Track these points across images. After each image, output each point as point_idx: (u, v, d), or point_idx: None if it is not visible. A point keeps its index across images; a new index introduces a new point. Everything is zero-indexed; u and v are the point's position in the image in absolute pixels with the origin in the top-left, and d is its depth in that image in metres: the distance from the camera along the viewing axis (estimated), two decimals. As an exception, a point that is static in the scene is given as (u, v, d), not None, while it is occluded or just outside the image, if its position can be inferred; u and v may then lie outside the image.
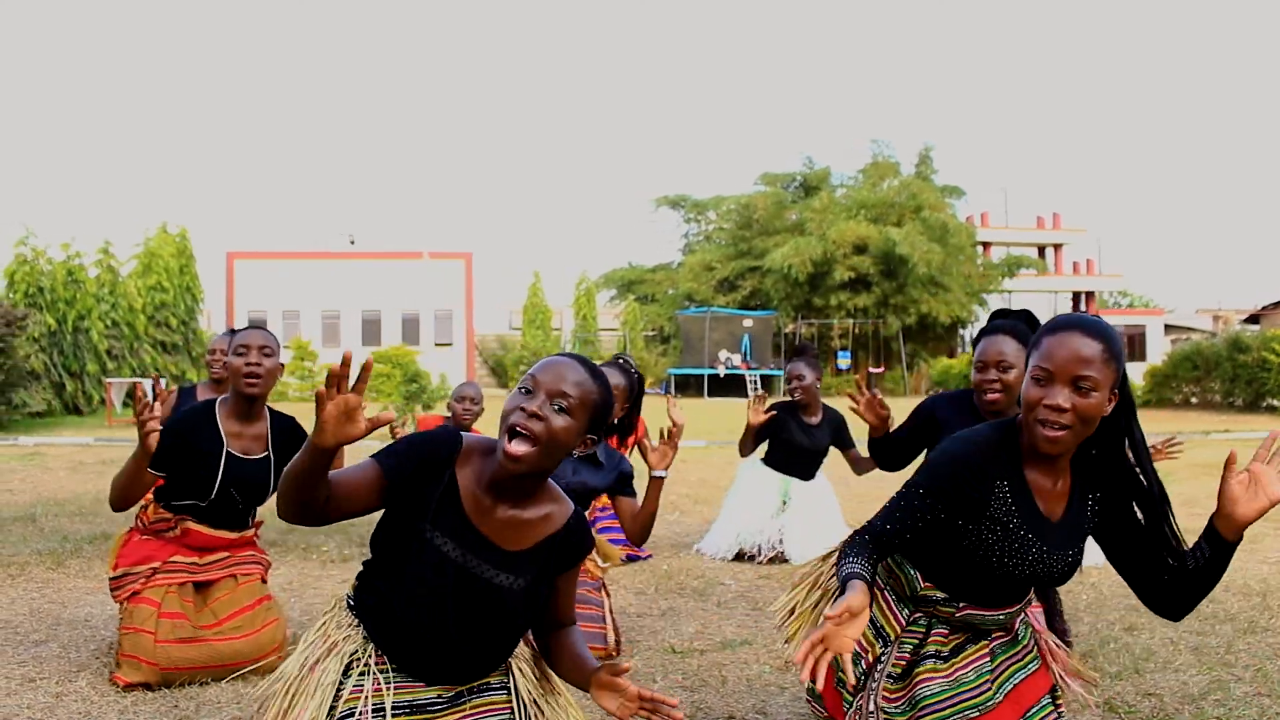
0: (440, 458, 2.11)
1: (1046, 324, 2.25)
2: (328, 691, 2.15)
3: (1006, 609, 2.39)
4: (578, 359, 2.16)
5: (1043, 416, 2.13)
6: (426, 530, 2.09)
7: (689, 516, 7.88)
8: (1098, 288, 45.74)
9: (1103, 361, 2.13)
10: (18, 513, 7.72)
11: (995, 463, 2.26)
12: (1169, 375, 25.74)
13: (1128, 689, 3.61)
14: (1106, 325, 2.21)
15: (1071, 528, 2.29)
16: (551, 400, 2.06)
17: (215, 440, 3.77)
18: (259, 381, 3.78)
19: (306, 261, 36.93)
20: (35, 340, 20.55)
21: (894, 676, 2.38)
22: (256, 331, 3.87)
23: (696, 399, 32.49)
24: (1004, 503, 2.25)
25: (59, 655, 4.06)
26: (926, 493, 2.26)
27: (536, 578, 2.19)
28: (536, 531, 2.19)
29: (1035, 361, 2.17)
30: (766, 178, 41.27)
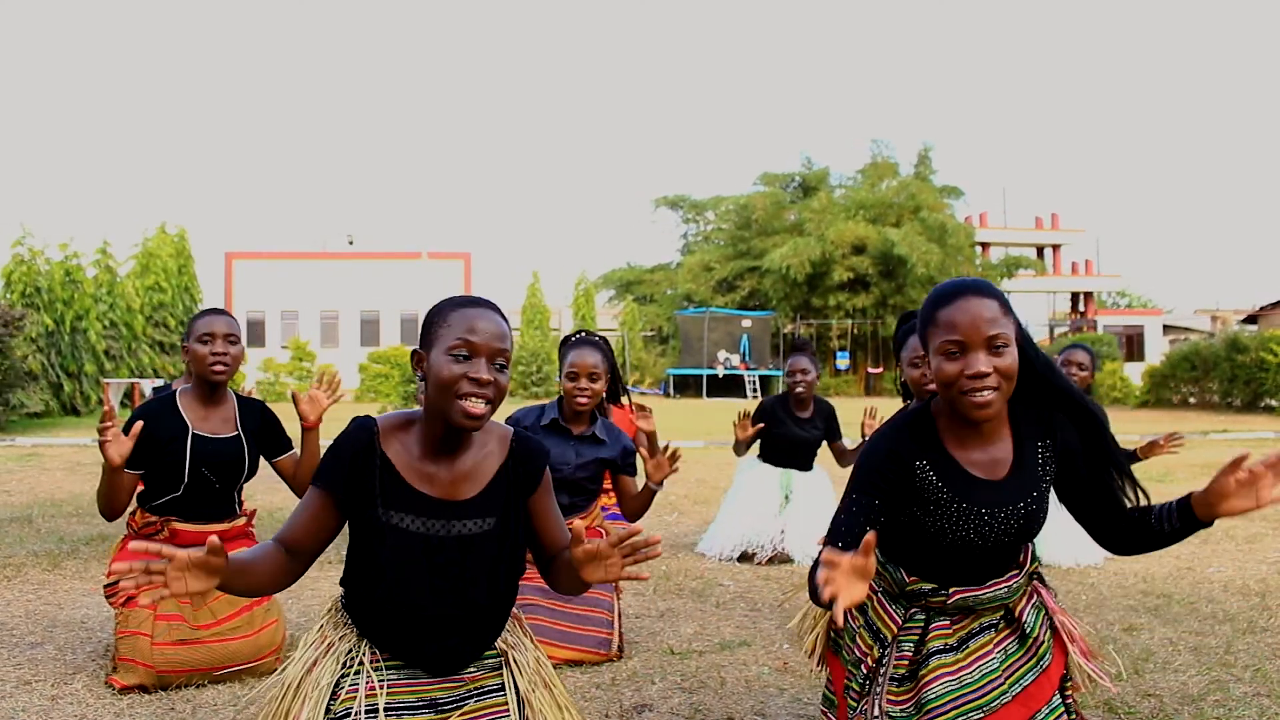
0: (363, 445, 2.14)
1: (932, 298, 2.22)
2: (324, 693, 2.15)
3: (997, 583, 2.34)
4: (493, 307, 2.16)
5: (967, 387, 2.11)
6: (381, 514, 2.12)
7: (688, 517, 7.87)
8: (1096, 288, 45.73)
9: (1004, 315, 2.14)
10: (14, 513, 7.71)
11: (908, 446, 2.27)
12: (1167, 375, 25.75)
13: (1127, 689, 3.60)
14: (987, 281, 2.22)
15: (1021, 481, 2.27)
16: (493, 360, 2.08)
17: (179, 425, 3.78)
18: (225, 369, 3.80)
19: (305, 262, 36.92)
20: (33, 341, 20.53)
21: (898, 678, 2.34)
22: (220, 318, 3.86)
23: (695, 399, 32.49)
24: (929, 483, 2.25)
25: (55, 657, 4.04)
26: (859, 495, 2.26)
27: (504, 513, 2.19)
28: (485, 469, 2.20)
29: (941, 337, 2.15)
30: (765, 178, 41.29)
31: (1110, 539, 2.32)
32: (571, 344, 4.25)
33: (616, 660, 4.02)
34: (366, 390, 31.28)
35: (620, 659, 4.04)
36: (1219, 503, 2.11)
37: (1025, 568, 2.41)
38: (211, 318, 3.85)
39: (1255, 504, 2.10)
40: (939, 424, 2.30)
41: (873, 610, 2.43)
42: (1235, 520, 7.37)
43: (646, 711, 3.45)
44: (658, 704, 3.52)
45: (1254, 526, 7.09)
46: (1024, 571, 2.40)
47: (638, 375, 35.70)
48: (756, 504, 6.18)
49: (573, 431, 4.20)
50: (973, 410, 2.14)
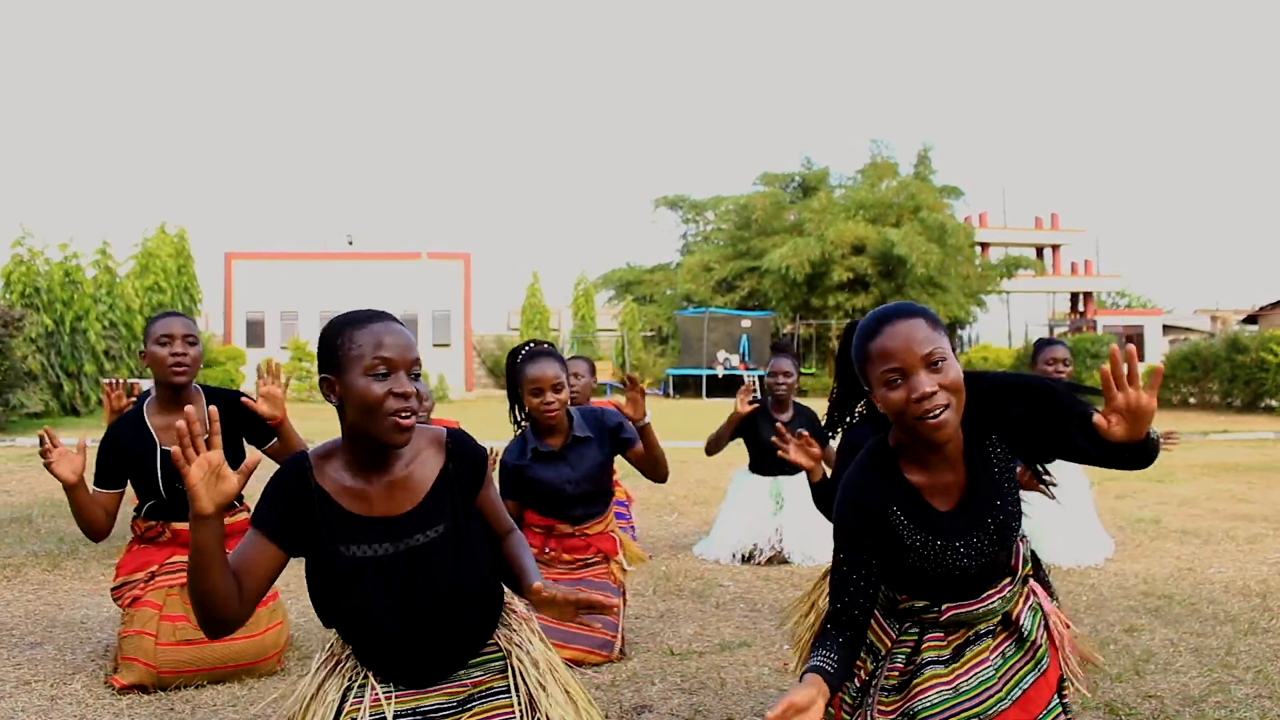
0: (295, 483, 2.14)
1: (860, 334, 2.19)
2: (330, 709, 2.16)
3: (989, 595, 2.32)
4: (391, 318, 2.15)
5: (917, 411, 2.08)
6: (330, 547, 2.12)
7: (687, 517, 7.86)
8: (1096, 288, 45.71)
9: (934, 330, 2.11)
10: (14, 514, 7.70)
11: (878, 493, 2.24)
12: (1167, 376, 25.72)
13: (1128, 691, 3.59)
14: (908, 302, 2.20)
15: (984, 495, 2.23)
16: (410, 372, 2.09)
17: (146, 440, 3.76)
18: (186, 370, 3.75)
19: (305, 262, 36.89)
20: (32, 341, 20.51)
21: (889, 689, 2.32)
22: (178, 319, 3.82)
23: (695, 399, 32.48)
24: (901, 526, 2.23)
25: (54, 658, 4.04)
26: (845, 557, 2.23)
27: (454, 517, 2.19)
28: (423, 476, 2.19)
29: (880, 368, 2.11)
30: (765, 178, 41.23)
31: (1106, 461, 2.22)
32: (527, 358, 4.06)
33: (617, 661, 4.02)
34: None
35: (621, 660, 4.04)
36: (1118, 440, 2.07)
37: (1019, 573, 2.38)
38: (169, 319, 3.80)
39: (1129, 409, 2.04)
40: (899, 456, 2.26)
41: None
42: (1236, 521, 7.37)
43: (646, 712, 3.45)
44: (657, 705, 3.52)
45: (1255, 528, 7.08)
46: (1017, 578, 2.38)
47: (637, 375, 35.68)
48: (749, 513, 6.18)
49: (557, 448, 4.11)
50: (932, 433, 2.10)
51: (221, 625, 2.05)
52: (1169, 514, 7.77)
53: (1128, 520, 7.41)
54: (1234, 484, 9.59)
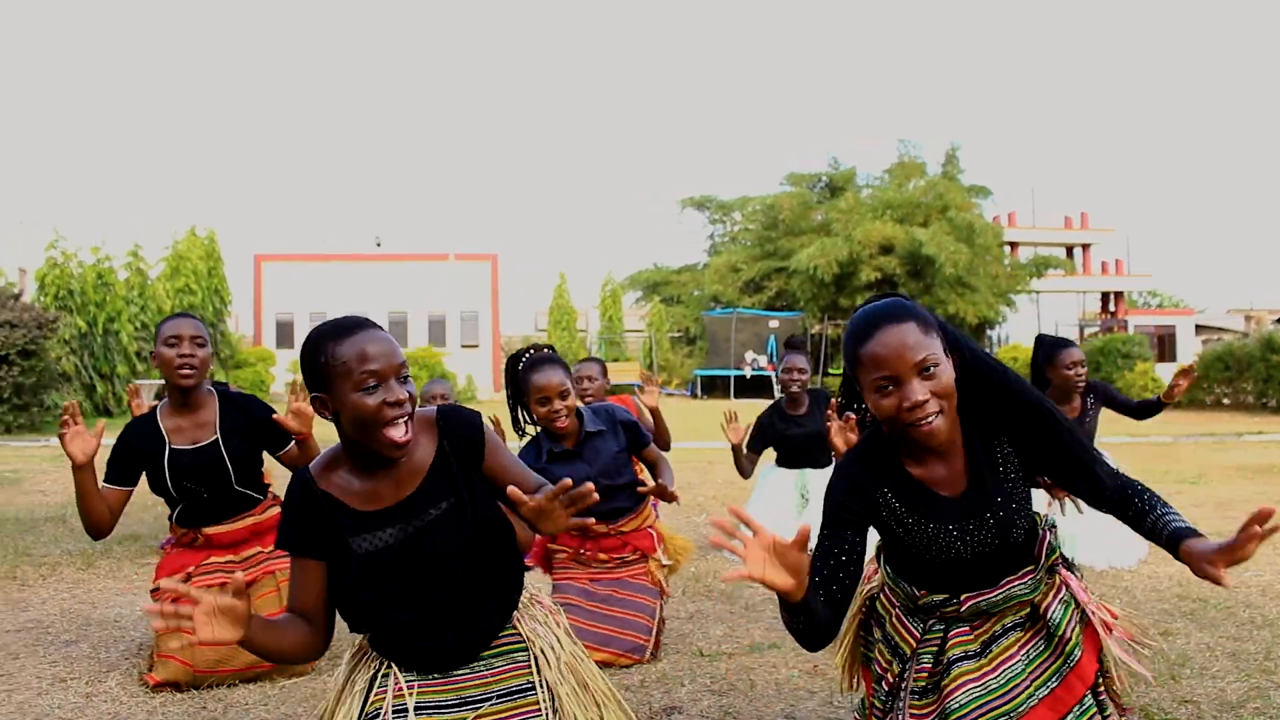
0: (301, 495, 2.16)
1: (850, 336, 2.16)
2: (357, 699, 2.18)
3: (1009, 583, 2.28)
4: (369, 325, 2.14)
5: (909, 419, 2.07)
6: (344, 547, 2.14)
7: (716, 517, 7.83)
8: (1127, 288, 45.31)
9: (925, 334, 2.08)
10: (49, 513, 7.78)
11: (870, 475, 2.23)
12: (1200, 376, 25.45)
13: (1164, 696, 3.55)
14: (900, 299, 2.16)
15: (981, 491, 2.20)
16: (399, 377, 2.08)
17: (157, 441, 3.78)
18: (194, 372, 3.74)
19: (333, 263, 37.12)
20: (66, 343, 20.75)
21: (919, 692, 2.29)
22: (187, 320, 3.82)
23: (723, 400, 32.43)
24: (893, 509, 2.22)
25: (89, 655, 4.08)
26: (828, 530, 2.24)
27: (456, 492, 2.18)
28: (422, 459, 2.19)
29: (872, 375, 2.08)
30: (792, 178, 41.10)
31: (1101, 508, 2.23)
32: (530, 366, 3.99)
33: (647, 663, 4.01)
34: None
35: (651, 662, 4.03)
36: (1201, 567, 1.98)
37: (1042, 562, 2.32)
38: (178, 321, 3.80)
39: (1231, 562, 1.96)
40: (897, 446, 2.25)
41: (891, 626, 2.39)
42: (1271, 523, 7.26)
43: (676, 714, 3.44)
44: (687, 706, 3.51)
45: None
46: (1041, 566, 2.32)
47: (665, 376, 35.68)
48: (774, 508, 6.17)
49: (571, 447, 4.08)
50: (923, 439, 2.10)
51: (316, 653, 2.18)
52: (1203, 516, 7.68)
53: (1161, 522, 7.32)
54: (1269, 485, 9.47)
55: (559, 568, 4.22)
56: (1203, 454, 12.79)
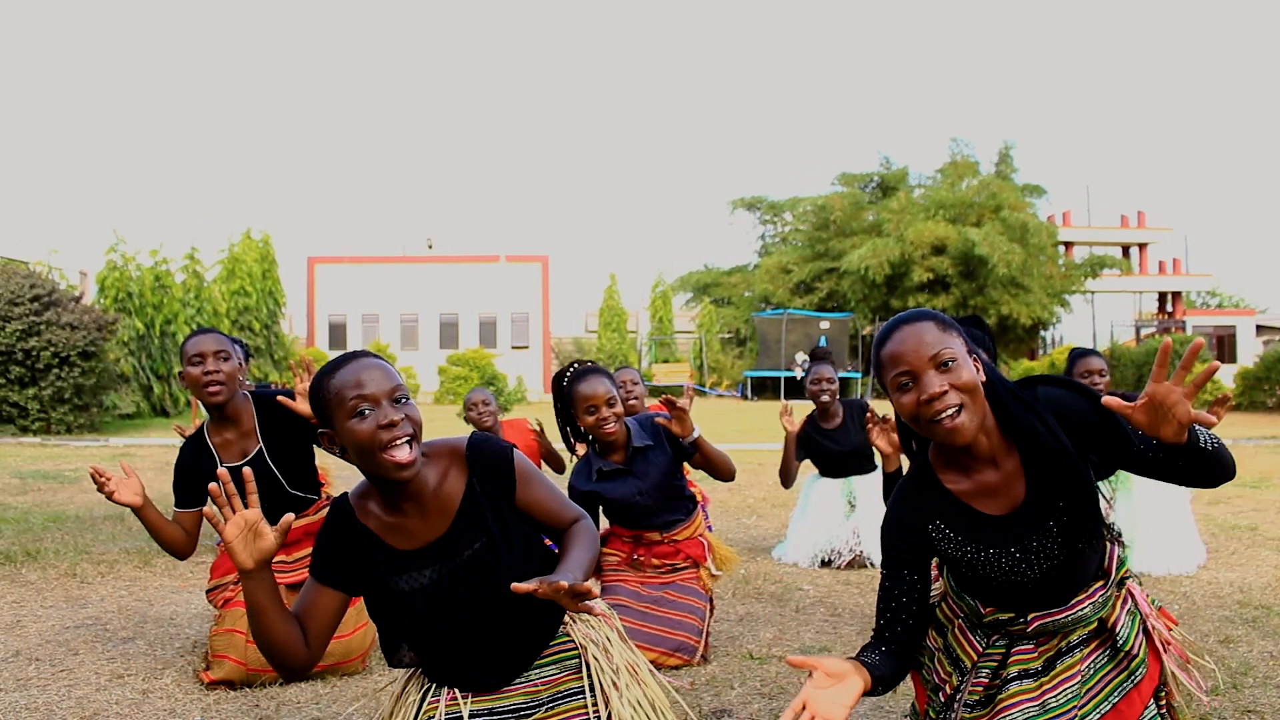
0: (343, 526, 2.17)
1: (874, 342, 2.17)
2: (411, 709, 2.20)
3: (1078, 603, 2.22)
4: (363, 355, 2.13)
5: (929, 413, 2.04)
6: (384, 585, 2.15)
7: (766, 520, 7.82)
8: (1185, 288, 44.55)
9: (942, 333, 2.07)
10: (108, 511, 7.91)
11: (920, 510, 2.21)
12: (1261, 377, 25.00)
13: (1225, 705, 3.47)
14: (923, 308, 2.18)
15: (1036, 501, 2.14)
16: (394, 399, 2.06)
17: (208, 460, 3.77)
18: (221, 388, 3.69)
19: (385, 265, 37.46)
20: (125, 344, 21.13)
21: (972, 705, 2.25)
22: (208, 336, 3.74)
23: (773, 401, 32.32)
24: (947, 539, 2.19)
25: (145, 652, 4.14)
26: (888, 572, 2.24)
27: (488, 530, 2.17)
28: (452, 494, 2.17)
29: (891, 373, 2.09)
30: (844, 178, 40.90)
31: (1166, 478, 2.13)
32: (574, 379, 3.99)
33: (697, 665, 4.00)
34: (445, 392, 31.62)
35: (701, 664, 4.02)
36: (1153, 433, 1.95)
37: (1113, 577, 2.27)
38: (199, 338, 3.73)
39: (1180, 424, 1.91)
40: (937, 467, 2.22)
41: (952, 636, 2.35)
42: (1336, 528, 7.11)
43: (726, 717, 3.42)
44: (737, 709, 3.49)
45: (1356, 535, 6.82)
46: (1111, 582, 2.27)
47: (715, 377, 35.61)
48: (822, 516, 6.13)
49: (621, 463, 4.06)
50: (947, 436, 2.05)
51: (293, 671, 2.11)
52: (1266, 521, 7.52)
53: (1221, 527, 7.19)
54: (1334, 490, 9.26)
55: (609, 570, 4.22)
56: (1264, 457, 12.54)
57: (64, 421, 16.52)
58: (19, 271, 17.40)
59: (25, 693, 3.63)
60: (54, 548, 6.36)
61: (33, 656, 4.07)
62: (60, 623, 4.60)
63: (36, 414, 16.30)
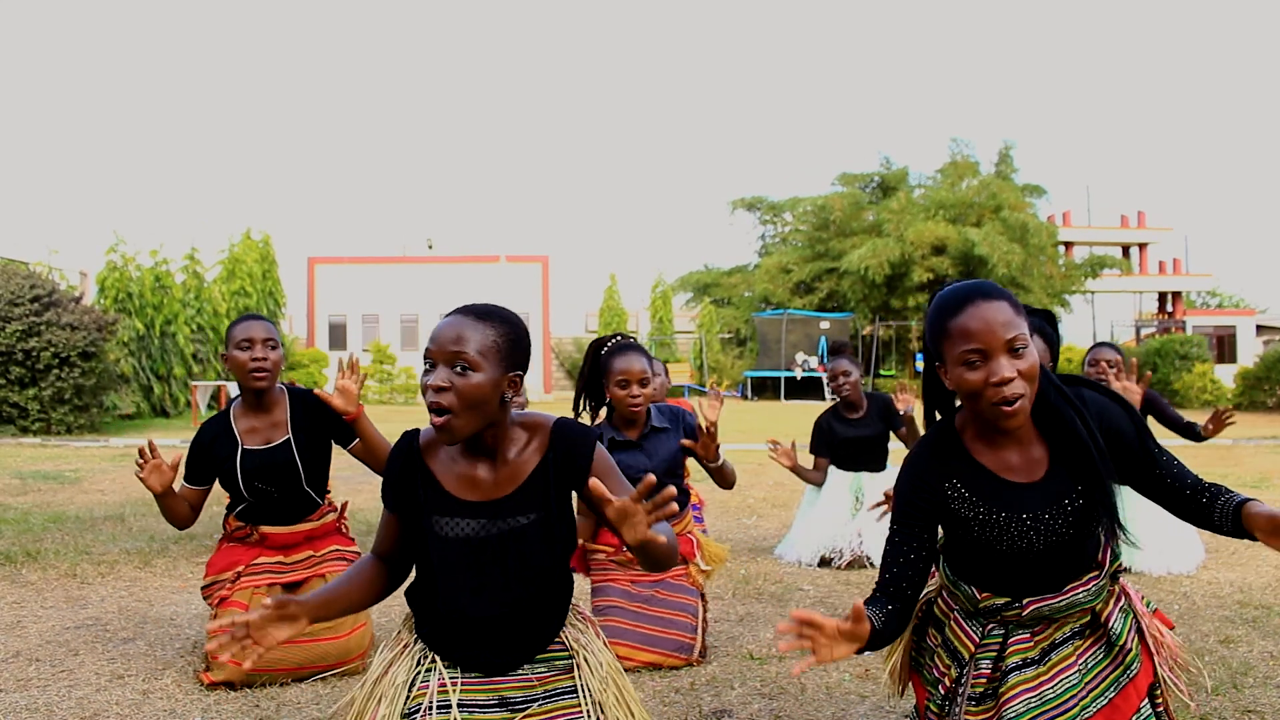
0: (405, 460, 2.21)
1: (940, 307, 2.15)
2: (400, 691, 2.19)
3: (1072, 589, 2.26)
4: (464, 310, 2.16)
5: (994, 397, 2.06)
6: (428, 523, 2.17)
7: (766, 520, 7.82)
8: (1185, 288, 44.56)
9: (1017, 315, 2.08)
10: (108, 512, 7.91)
11: (938, 468, 2.23)
12: (1261, 377, 25.00)
13: (1225, 705, 3.47)
14: (991, 282, 2.16)
15: (1061, 477, 2.18)
16: (451, 365, 2.07)
17: (230, 442, 3.82)
18: (266, 375, 3.78)
19: (385, 266, 37.48)
20: (125, 344, 21.11)
21: (976, 697, 2.27)
22: (259, 323, 3.84)
23: (773, 401, 32.32)
24: (962, 499, 2.21)
25: (145, 653, 4.14)
26: (898, 527, 2.25)
27: (547, 507, 2.19)
28: (525, 465, 2.19)
29: (960, 347, 2.07)
30: (843, 178, 40.89)
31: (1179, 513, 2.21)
32: (614, 351, 4.06)
33: (697, 665, 4.00)
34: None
35: (700, 664, 4.01)
36: (1267, 538, 2.00)
37: (1106, 568, 2.31)
38: (249, 323, 3.83)
39: None
40: (965, 436, 2.25)
41: (950, 629, 2.37)
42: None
43: (726, 717, 3.42)
44: (737, 709, 3.49)
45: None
46: (1105, 572, 2.30)
47: (715, 377, 35.60)
48: (829, 511, 6.14)
49: (634, 439, 4.11)
50: (1003, 419, 2.08)
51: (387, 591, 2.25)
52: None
53: (1221, 527, 7.18)
54: (1334, 490, 9.26)
55: (597, 569, 4.21)
56: (1264, 457, 12.54)
57: (64, 422, 16.51)
58: (19, 272, 17.39)
59: (25, 693, 3.63)
60: (54, 548, 6.36)
61: (33, 657, 4.07)
62: (60, 623, 4.60)
63: (37, 414, 16.29)
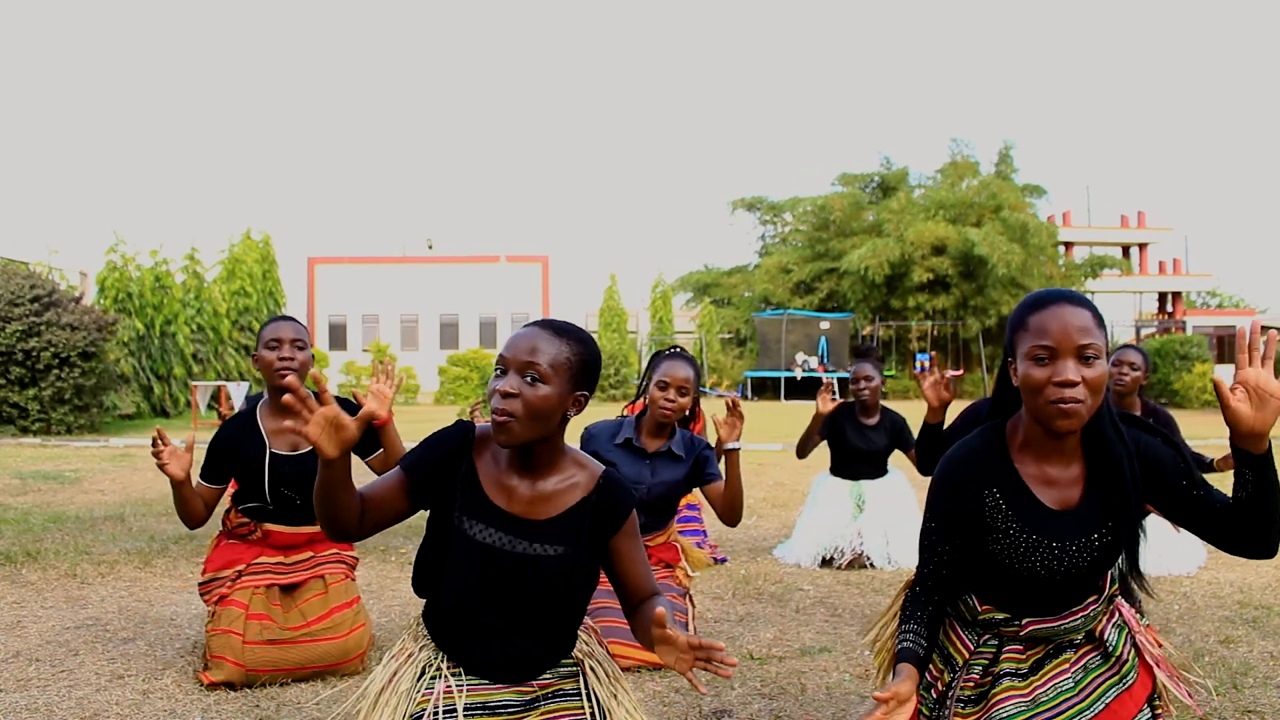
0: (454, 448, 2.18)
1: (1026, 303, 2.18)
2: (403, 699, 2.19)
3: (1072, 614, 2.27)
4: (544, 323, 2.16)
5: (1054, 396, 2.06)
6: (456, 519, 2.15)
7: (766, 520, 7.82)
8: (1185, 288, 44.59)
9: (1097, 327, 2.09)
10: (108, 512, 7.91)
11: (980, 473, 2.22)
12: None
13: (1225, 705, 3.48)
14: (1082, 294, 2.18)
15: (1094, 510, 2.19)
16: (523, 374, 2.07)
17: (257, 443, 3.78)
18: (293, 376, 3.76)
19: (385, 266, 37.49)
20: (125, 344, 21.13)
21: (965, 700, 2.27)
22: (288, 323, 3.83)
23: (773, 401, 32.33)
24: (998, 510, 2.20)
25: (145, 653, 4.13)
26: (935, 526, 2.26)
27: (575, 545, 2.19)
28: (565, 498, 2.20)
29: (1031, 342, 2.09)
30: (843, 178, 40.94)
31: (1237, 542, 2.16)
32: (666, 356, 4.20)
33: (695, 665, 3.99)
34: (445, 393, 31.62)
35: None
36: (1250, 427, 2.00)
37: (1105, 593, 2.33)
38: (279, 324, 3.83)
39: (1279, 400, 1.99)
40: (1011, 442, 2.24)
41: (944, 635, 2.38)
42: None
43: (726, 717, 3.42)
44: (737, 710, 3.49)
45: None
46: (1103, 597, 2.33)
47: (715, 377, 35.62)
48: (830, 516, 6.14)
49: (648, 450, 4.15)
50: (1057, 419, 2.08)
51: (341, 535, 2.13)
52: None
53: (1221, 527, 7.18)
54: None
55: None
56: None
57: (64, 422, 16.52)
58: (19, 272, 17.40)
59: (25, 693, 3.63)
60: (54, 548, 6.36)
61: (33, 657, 4.07)
62: (60, 623, 4.60)
63: (37, 414, 16.30)
